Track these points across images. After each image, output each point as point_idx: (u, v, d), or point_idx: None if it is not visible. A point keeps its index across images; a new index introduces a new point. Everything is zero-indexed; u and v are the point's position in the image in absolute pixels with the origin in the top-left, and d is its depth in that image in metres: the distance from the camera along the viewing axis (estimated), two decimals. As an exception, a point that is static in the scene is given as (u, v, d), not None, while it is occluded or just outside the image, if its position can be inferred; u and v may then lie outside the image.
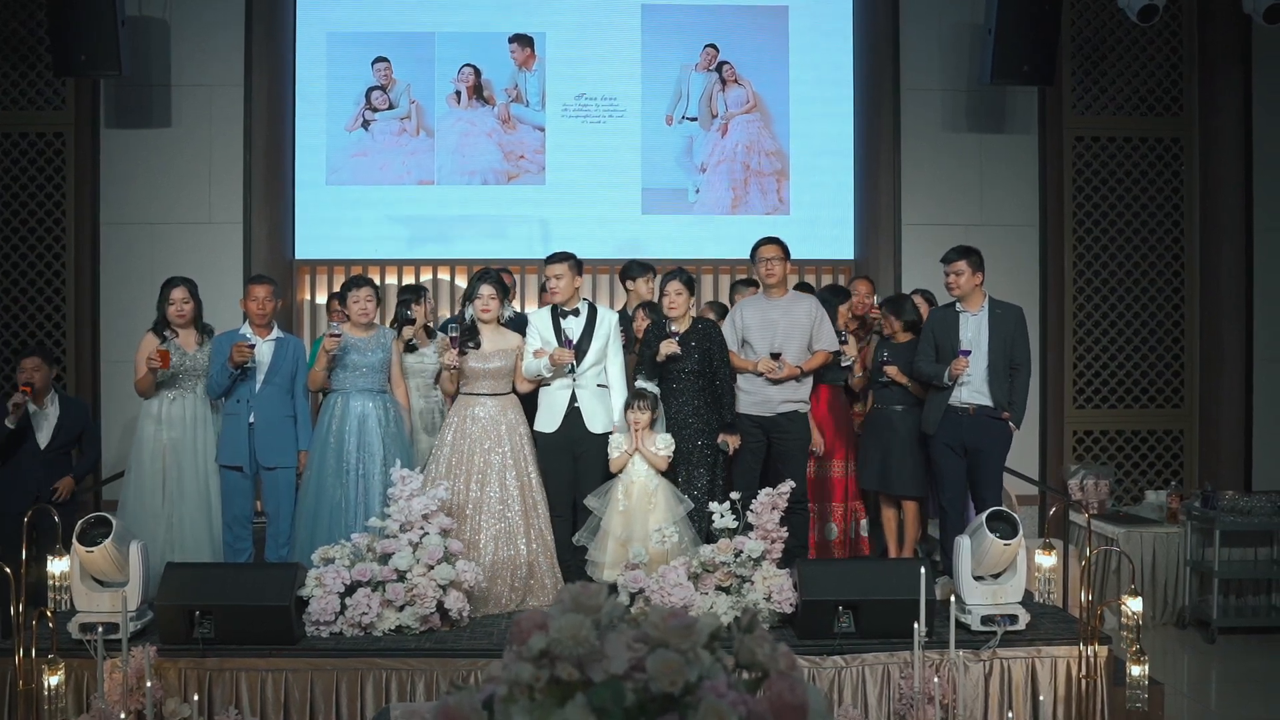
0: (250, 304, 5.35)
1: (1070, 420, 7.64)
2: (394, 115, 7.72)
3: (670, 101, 7.82)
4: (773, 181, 7.87)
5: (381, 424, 5.23)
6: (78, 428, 5.71)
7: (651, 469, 5.07)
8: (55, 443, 5.50)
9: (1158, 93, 7.66)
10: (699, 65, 7.81)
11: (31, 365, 5.37)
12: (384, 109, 7.69)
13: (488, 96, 7.74)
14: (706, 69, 7.82)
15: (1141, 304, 7.68)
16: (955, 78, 7.57)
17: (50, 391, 5.73)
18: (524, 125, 7.78)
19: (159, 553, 5.03)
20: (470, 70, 7.73)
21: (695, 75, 7.83)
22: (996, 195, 7.59)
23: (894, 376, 5.52)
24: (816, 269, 7.78)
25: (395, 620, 4.63)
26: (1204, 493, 6.56)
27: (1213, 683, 5.74)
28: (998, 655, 4.53)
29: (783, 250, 5.46)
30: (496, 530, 5.04)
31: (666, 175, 7.82)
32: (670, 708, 1.21)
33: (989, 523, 4.69)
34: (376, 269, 7.58)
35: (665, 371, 5.31)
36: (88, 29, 6.57)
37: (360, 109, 7.70)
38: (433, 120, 7.74)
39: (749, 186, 7.84)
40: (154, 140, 7.29)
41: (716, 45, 7.82)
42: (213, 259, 7.14)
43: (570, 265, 5.27)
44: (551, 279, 5.26)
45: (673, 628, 1.26)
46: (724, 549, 4.75)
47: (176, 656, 4.35)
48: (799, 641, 4.53)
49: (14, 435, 5.46)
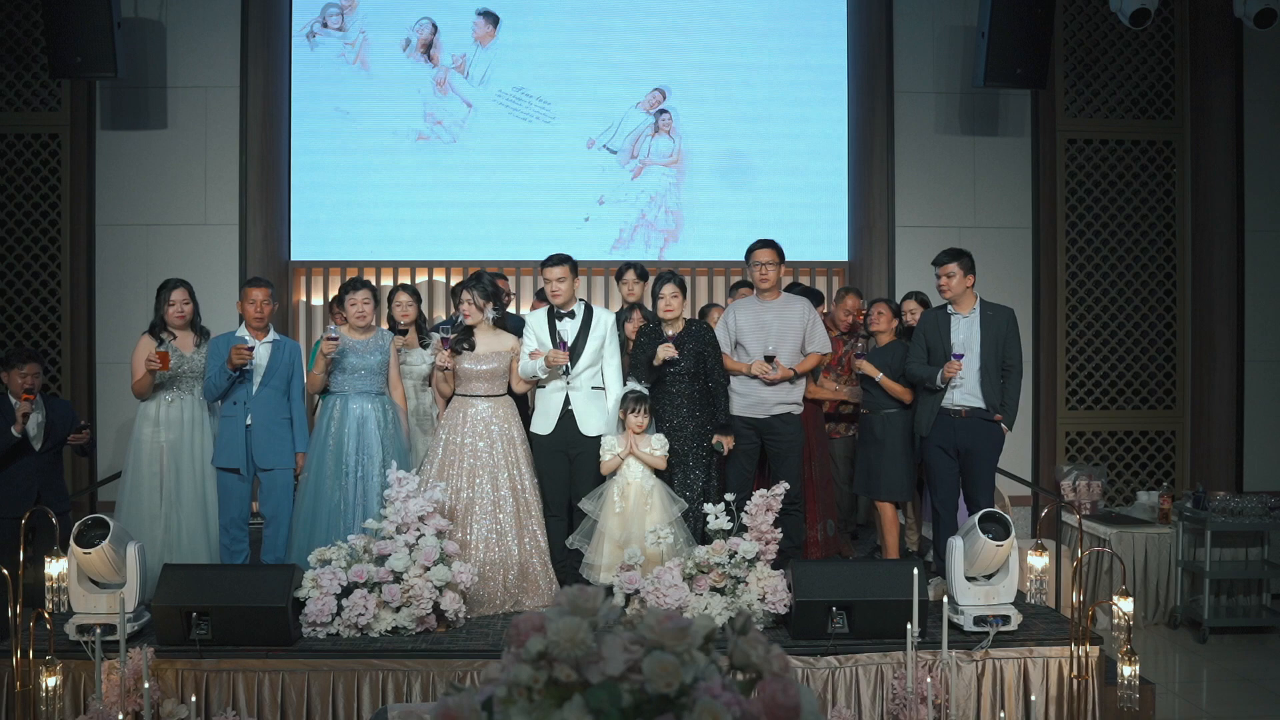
0: (248, 306, 5.35)
1: (1062, 421, 7.68)
2: (341, 38, 7.69)
3: (601, 127, 7.83)
4: (660, 238, 7.85)
5: (380, 426, 5.26)
6: (67, 428, 5.70)
7: (647, 470, 5.09)
8: (47, 444, 5.50)
9: (1150, 96, 7.70)
10: (641, 104, 7.82)
11: (32, 372, 5.37)
12: (335, 30, 7.67)
13: (433, 56, 7.73)
14: (648, 110, 7.83)
15: (1133, 306, 7.72)
16: (948, 80, 7.60)
17: None
18: (454, 94, 7.76)
19: (156, 554, 5.04)
20: (429, 24, 7.71)
21: (634, 111, 7.83)
22: (989, 197, 7.63)
23: (867, 371, 5.53)
24: (810, 271, 7.81)
25: (391, 621, 4.65)
26: (1195, 493, 6.60)
27: (1204, 682, 5.77)
28: (990, 655, 4.56)
29: (778, 254, 5.49)
30: (488, 531, 5.06)
31: (564, 192, 7.79)
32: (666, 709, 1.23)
33: (981, 524, 4.72)
34: (372, 270, 7.60)
35: (659, 373, 5.33)
36: (83, 31, 6.57)
37: (314, 20, 7.68)
38: (371, 57, 7.73)
39: (635, 235, 7.83)
40: (149, 142, 7.30)
41: (664, 90, 7.83)
42: (208, 261, 7.16)
43: (569, 267, 5.30)
44: (554, 281, 5.27)
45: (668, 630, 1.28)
46: (718, 550, 4.78)
47: (174, 658, 4.37)
48: (793, 642, 4.56)
49: (17, 441, 5.46)
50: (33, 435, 5.41)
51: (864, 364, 5.56)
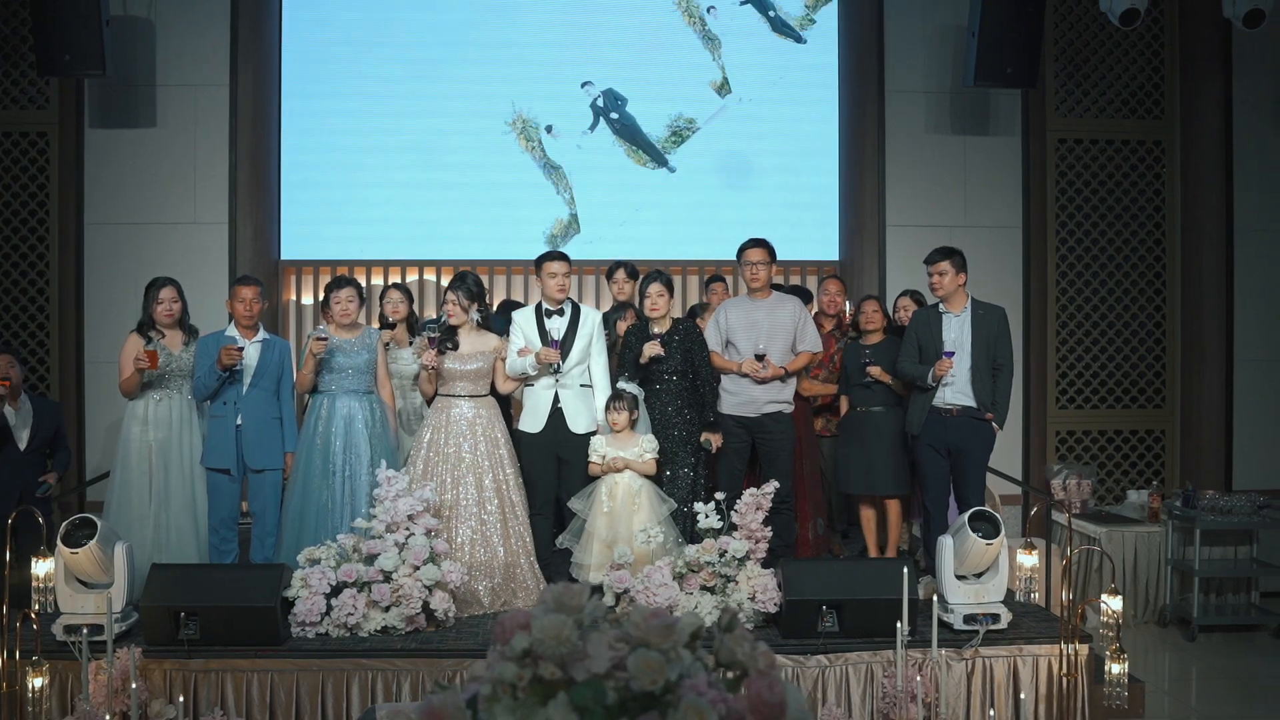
0: (237, 305, 5.32)
1: (1052, 420, 7.69)
2: None
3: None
4: (651, 237, 7.79)
5: (368, 425, 5.24)
6: (53, 427, 5.68)
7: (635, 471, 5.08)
8: (34, 443, 5.48)
9: (1139, 96, 7.72)
10: None
11: (5, 362, 5.34)
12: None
13: None
14: None
15: (1123, 305, 7.74)
16: (939, 80, 7.61)
17: (21, 393, 5.70)
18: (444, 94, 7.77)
19: (146, 554, 5.02)
20: None
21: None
22: (980, 197, 7.64)
23: (878, 376, 5.55)
24: (801, 270, 7.82)
25: (381, 621, 4.64)
26: (1185, 492, 6.62)
27: (1193, 680, 5.78)
28: (980, 654, 4.57)
29: (769, 254, 5.49)
30: (473, 532, 5.05)
31: (555, 191, 7.80)
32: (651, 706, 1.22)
33: (971, 522, 4.73)
34: (363, 270, 7.58)
35: (647, 372, 5.33)
36: (72, 28, 6.54)
37: None
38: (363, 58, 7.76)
39: (623, 234, 7.77)
40: (139, 140, 7.26)
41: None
42: (198, 259, 7.13)
43: (568, 263, 5.30)
44: (559, 276, 5.27)
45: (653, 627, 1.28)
46: (708, 549, 4.77)
47: (162, 658, 4.35)
48: (783, 641, 4.56)
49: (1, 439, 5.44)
50: (13, 422, 5.38)
51: (875, 370, 5.56)
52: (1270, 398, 7.60)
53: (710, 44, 7.86)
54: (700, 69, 7.88)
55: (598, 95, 7.74)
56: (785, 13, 7.88)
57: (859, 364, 5.66)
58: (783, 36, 7.91)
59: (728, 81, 7.86)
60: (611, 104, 7.76)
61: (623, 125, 7.79)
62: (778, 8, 7.89)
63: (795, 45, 7.92)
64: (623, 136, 7.80)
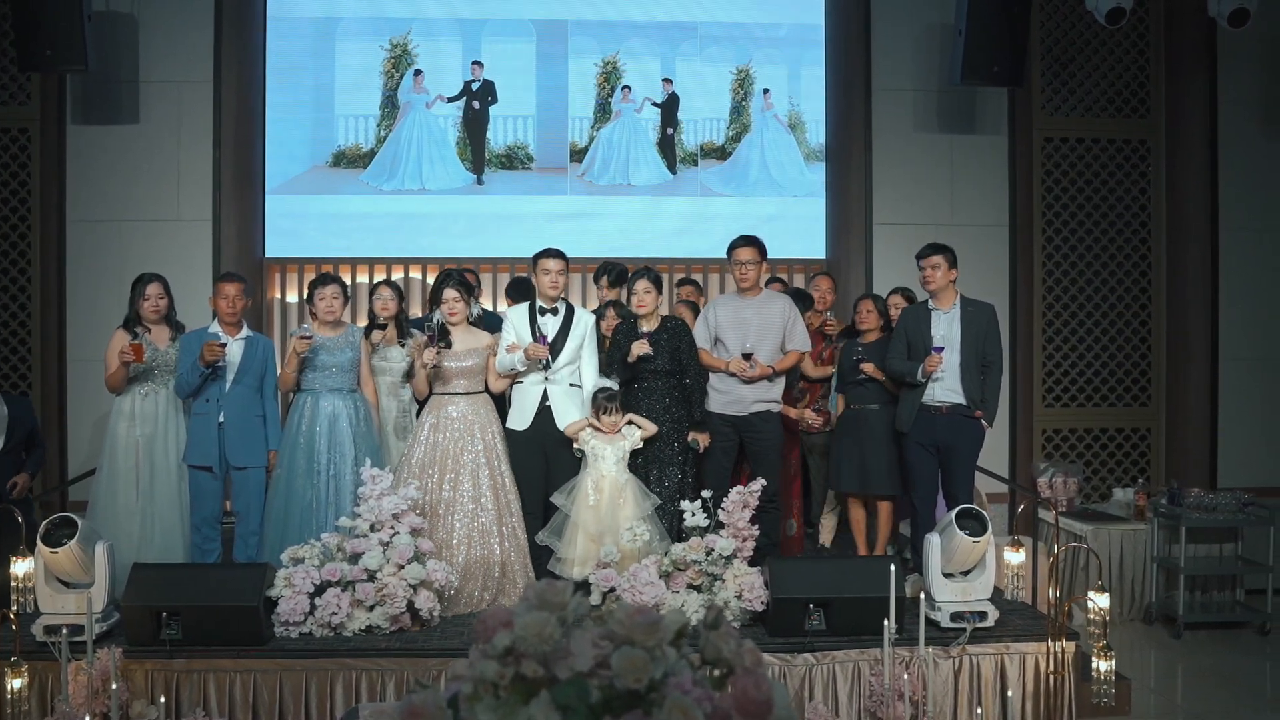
0: (220, 302, 5.29)
1: (1039, 419, 7.70)
2: None
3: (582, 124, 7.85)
4: (639, 235, 7.80)
5: (352, 423, 5.21)
6: (28, 425, 5.62)
7: (622, 465, 5.07)
8: (11, 441, 5.42)
9: (1125, 94, 7.74)
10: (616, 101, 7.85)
11: None
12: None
13: (418, 83, 7.71)
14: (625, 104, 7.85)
15: (1109, 303, 7.75)
16: (926, 78, 7.62)
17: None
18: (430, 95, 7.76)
19: (133, 549, 5.00)
20: None
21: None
22: (967, 195, 7.64)
23: (871, 373, 5.54)
24: (788, 268, 7.81)
25: (365, 620, 4.61)
26: (1170, 490, 6.64)
27: (1179, 677, 5.80)
28: (967, 652, 4.57)
29: (759, 253, 5.47)
30: (469, 530, 5.02)
31: (548, 190, 7.81)
32: (635, 704, 1.20)
33: (958, 520, 4.73)
34: (348, 267, 7.54)
35: (635, 370, 5.31)
36: (53, 23, 6.47)
37: None
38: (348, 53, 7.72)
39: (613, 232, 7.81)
40: (121, 137, 7.20)
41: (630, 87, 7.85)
42: (181, 257, 7.06)
43: (563, 261, 5.29)
44: (553, 273, 5.24)
45: (638, 625, 1.26)
46: (695, 547, 4.76)
47: (143, 658, 4.31)
48: (770, 639, 4.55)
49: None
50: None
51: (868, 367, 5.56)
52: (1255, 396, 7.63)
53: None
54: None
55: (476, 80, 7.70)
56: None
57: (854, 361, 5.65)
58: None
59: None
60: (484, 95, 7.72)
61: (474, 116, 7.74)
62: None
63: (783, 42, 7.91)
64: (467, 127, 7.75)
